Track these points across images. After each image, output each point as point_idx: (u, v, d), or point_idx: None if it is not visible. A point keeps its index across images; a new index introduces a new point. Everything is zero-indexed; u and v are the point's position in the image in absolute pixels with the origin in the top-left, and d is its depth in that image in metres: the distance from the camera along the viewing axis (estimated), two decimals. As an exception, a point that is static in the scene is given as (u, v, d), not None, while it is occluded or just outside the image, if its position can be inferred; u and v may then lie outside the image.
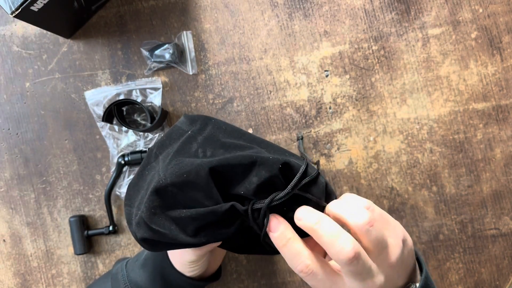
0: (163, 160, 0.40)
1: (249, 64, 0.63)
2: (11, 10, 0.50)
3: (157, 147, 0.42)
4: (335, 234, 0.34)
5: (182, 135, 0.42)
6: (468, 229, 0.61)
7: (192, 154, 0.39)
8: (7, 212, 0.64)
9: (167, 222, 0.37)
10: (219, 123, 0.42)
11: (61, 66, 0.64)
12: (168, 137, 0.43)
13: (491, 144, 0.61)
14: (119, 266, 0.53)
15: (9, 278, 0.64)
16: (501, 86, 0.61)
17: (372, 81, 0.62)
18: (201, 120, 0.43)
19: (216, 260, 0.52)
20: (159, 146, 0.42)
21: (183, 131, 0.42)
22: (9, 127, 0.64)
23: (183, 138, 0.41)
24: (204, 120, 0.43)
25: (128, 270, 0.51)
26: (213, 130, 0.41)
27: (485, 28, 0.61)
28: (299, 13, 0.62)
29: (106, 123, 0.62)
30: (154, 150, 0.42)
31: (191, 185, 0.36)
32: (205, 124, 0.42)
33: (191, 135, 0.41)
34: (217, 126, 0.42)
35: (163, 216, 0.37)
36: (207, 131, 0.41)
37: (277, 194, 0.36)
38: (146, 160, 0.43)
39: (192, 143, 0.40)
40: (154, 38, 0.63)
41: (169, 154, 0.40)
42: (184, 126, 0.43)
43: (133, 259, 0.53)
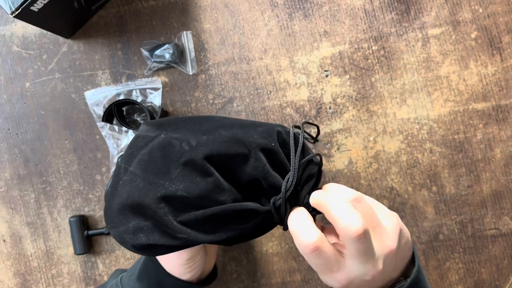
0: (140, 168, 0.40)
1: (249, 64, 0.63)
2: (11, 10, 0.50)
3: (125, 161, 0.42)
4: (346, 210, 0.34)
5: (151, 141, 0.41)
6: (468, 229, 0.61)
7: (178, 149, 0.39)
8: (7, 212, 0.64)
9: (183, 226, 0.37)
10: (190, 121, 0.43)
11: (61, 66, 0.64)
12: (134, 147, 0.42)
13: (491, 144, 0.61)
14: (114, 282, 0.52)
15: (9, 278, 0.64)
16: (501, 86, 0.61)
17: (372, 81, 0.62)
18: (169, 122, 0.43)
19: (210, 259, 0.52)
20: (127, 159, 0.42)
21: (150, 137, 0.42)
22: (9, 127, 0.64)
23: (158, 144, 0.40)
24: (174, 121, 0.43)
25: (124, 284, 0.50)
26: (188, 129, 0.41)
27: (485, 28, 0.61)
28: (299, 13, 0.62)
29: (106, 123, 0.62)
30: (122, 165, 0.42)
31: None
32: (176, 125, 0.42)
33: (166, 137, 0.41)
34: (189, 124, 0.42)
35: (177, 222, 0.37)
36: (181, 130, 0.41)
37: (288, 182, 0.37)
38: (116, 178, 0.42)
39: (172, 141, 0.40)
40: (154, 38, 0.63)
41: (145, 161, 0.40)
42: (150, 133, 0.42)
43: (128, 274, 0.52)
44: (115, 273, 0.56)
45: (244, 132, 0.39)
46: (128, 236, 0.39)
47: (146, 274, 0.49)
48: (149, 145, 0.41)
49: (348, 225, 0.34)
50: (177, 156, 0.39)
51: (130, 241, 0.39)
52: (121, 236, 0.40)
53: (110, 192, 0.42)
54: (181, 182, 0.38)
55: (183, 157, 0.38)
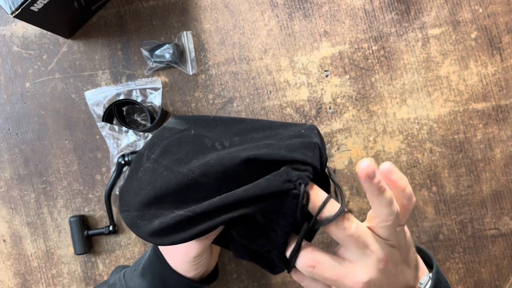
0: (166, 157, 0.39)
1: (249, 64, 0.63)
2: (11, 10, 0.50)
3: (148, 149, 0.42)
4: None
5: (178, 133, 0.41)
6: (468, 229, 0.61)
7: (211, 148, 0.39)
8: (7, 212, 0.64)
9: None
10: (218, 120, 0.42)
11: (61, 66, 0.64)
12: (159, 137, 0.42)
13: (491, 144, 0.61)
14: (117, 277, 0.52)
15: (9, 278, 0.64)
16: (501, 86, 0.61)
17: (372, 81, 0.62)
18: (199, 119, 0.42)
19: (213, 258, 0.53)
20: (150, 147, 0.42)
21: (177, 130, 0.42)
22: (9, 127, 0.64)
23: (187, 137, 0.40)
24: (203, 119, 0.42)
25: (127, 280, 0.50)
26: (219, 125, 0.41)
27: (485, 28, 0.61)
28: (299, 13, 0.62)
29: (106, 123, 0.62)
30: (145, 153, 0.42)
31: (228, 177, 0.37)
32: (206, 123, 0.42)
33: (197, 133, 0.40)
34: (219, 120, 0.42)
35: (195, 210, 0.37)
36: (211, 128, 0.41)
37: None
38: (137, 164, 0.42)
39: (204, 140, 0.40)
40: (154, 38, 0.63)
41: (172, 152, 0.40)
42: (178, 126, 0.42)
43: (131, 269, 0.52)
44: (116, 269, 0.56)
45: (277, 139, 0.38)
46: (143, 222, 0.38)
47: (150, 269, 0.49)
48: (176, 136, 0.41)
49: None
50: (208, 152, 0.38)
51: (144, 227, 0.38)
52: (134, 221, 0.39)
53: (128, 176, 0.42)
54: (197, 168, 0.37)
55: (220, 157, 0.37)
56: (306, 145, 0.37)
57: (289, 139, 0.38)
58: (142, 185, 0.40)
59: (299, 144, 0.37)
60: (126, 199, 0.41)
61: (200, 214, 0.36)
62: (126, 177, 0.43)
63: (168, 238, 0.37)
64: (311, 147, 0.37)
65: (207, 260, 0.48)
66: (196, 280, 0.49)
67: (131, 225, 0.40)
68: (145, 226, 0.38)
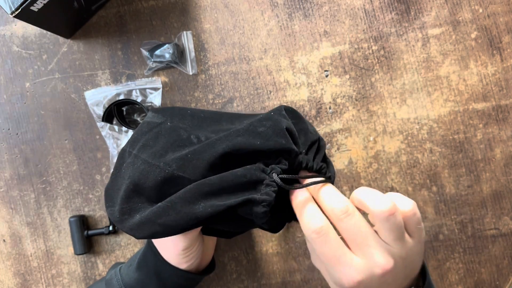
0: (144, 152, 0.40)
1: (249, 64, 0.63)
2: (11, 10, 0.50)
3: (130, 145, 0.42)
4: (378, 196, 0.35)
5: (156, 127, 0.42)
6: (468, 229, 0.61)
7: (186, 141, 0.39)
8: (7, 212, 0.64)
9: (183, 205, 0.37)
10: (196, 112, 0.43)
11: (61, 66, 0.64)
12: (139, 132, 0.43)
13: (491, 144, 0.61)
14: (113, 272, 0.53)
15: (9, 278, 0.64)
16: (501, 86, 0.61)
17: (372, 81, 0.62)
18: (175, 111, 0.43)
19: (208, 251, 0.53)
20: (131, 143, 0.42)
21: (155, 123, 0.42)
22: (9, 127, 0.64)
23: (163, 130, 0.41)
24: (179, 111, 0.43)
25: (123, 274, 0.51)
26: (195, 119, 0.42)
27: (485, 28, 0.61)
28: (299, 13, 0.62)
29: (106, 123, 0.62)
30: (127, 149, 0.42)
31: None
32: (182, 115, 0.42)
33: (172, 125, 0.41)
34: (196, 115, 0.42)
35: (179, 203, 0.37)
36: (187, 120, 0.41)
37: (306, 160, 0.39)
38: (120, 160, 0.43)
39: (179, 131, 0.40)
40: (154, 38, 0.63)
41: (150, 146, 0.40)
42: (156, 119, 0.43)
43: (127, 264, 0.53)
44: (114, 266, 0.57)
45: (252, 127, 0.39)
46: (124, 216, 0.39)
47: (144, 262, 0.50)
48: (154, 130, 0.41)
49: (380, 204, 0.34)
50: (183, 144, 0.39)
51: (125, 222, 0.39)
52: (115, 216, 0.40)
53: (113, 174, 0.43)
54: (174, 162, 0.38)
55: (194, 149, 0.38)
56: (278, 132, 0.38)
57: (261, 125, 0.39)
58: (123, 180, 0.41)
59: (271, 132, 0.38)
60: (110, 195, 0.42)
61: (177, 203, 0.36)
62: (111, 175, 0.43)
63: (146, 230, 0.38)
64: (282, 133, 0.38)
65: (198, 252, 0.49)
66: (192, 271, 0.50)
67: (114, 220, 0.41)
68: (127, 220, 0.39)
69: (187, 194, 0.36)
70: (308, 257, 0.62)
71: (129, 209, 0.39)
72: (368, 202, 0.35)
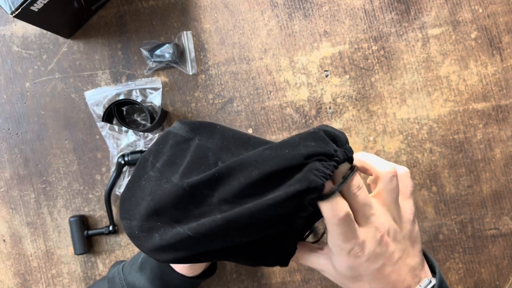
0: (169, 169, 0.38)
1: (249, 64, 0.63)
2: (11, 10, 0.50)
3: (153, 156, 0.40)
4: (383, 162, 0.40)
5: (183, 142, 0.40)
6: (468, 229, 0.61)
7: (213, 166, 0.37)
8: (7, 212, 0.64)
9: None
10: (225, 130, 0.41)
11: (61, 66, 0.64)
12: (163, 143, 0.41)
13: (491, 144, 0.61)
14: (116, 269, 0.53)
15: (9, 278, 0.64)
16: (501, 86, 0.61)
17: (372, 81, 0.62)
18: (204, 127, 0.41)
19: None
20: (155, 154, 0.40)
21: (182, 137, 0.40)
22: (9, 127, 0.64)
23: (191, 147, 0.39)
24: (209, 127, 0.41)
25: (125, 273, 0.51)
26: (223, 139, 0.39)
27: (485, 28, 0.61)
28: (299, 13, 0.62)
29: (106, 123, 0.62)
30: (150, 159, 0.40)
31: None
32: (211, 132, 0.40)
33: (200, 144, 0.39)
34: (225, 134, 0.40)
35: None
36: (216, 140, 0.39)
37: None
38: (141, 170, 0.41)
39: (207, 152, 0.38)
40: (154, 38, 0.63)
41: (176, 164, 0.38)
42: (183, 133, 0.41)
43: (130, 263, 0.53)
44: (115, 264, 0.57)
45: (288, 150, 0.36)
46: (142, 233, 0.38)
47: (148, 264, 0.50)
48: (181, 146, 0.40)
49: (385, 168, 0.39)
50: (209, 169, 0.37)
51: (143, 239, 0.38)
52: (133, 231, 0.38)
53: (131, 182, 0.41)
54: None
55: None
56: (304, 137, 0.35)
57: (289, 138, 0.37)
58: (143, 195, 0.39)
59: (298, 138, 0.35)
60: (127, 207, 0.40)
61: (201, 234, 0.35)
62: (129, 182, 0.42)
63: (167, 255, 0.37)
64: (310, 137, 0.35)
65: (204, 263, 0.49)
66: (193, 276, 0.50)
67: (130, 235, 0.39)
68: (144, 238, 0.38)
69: (217, 228, 0.34)
70: (308, 257, 0.62)
71: (149, 227, 0.38)
72: (375, 163, 0.39)
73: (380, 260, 0.37)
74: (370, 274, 0.38)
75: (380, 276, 0.38)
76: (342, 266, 0.38)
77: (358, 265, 0.37)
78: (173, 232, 0.36)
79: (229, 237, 0.35)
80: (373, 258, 0.37)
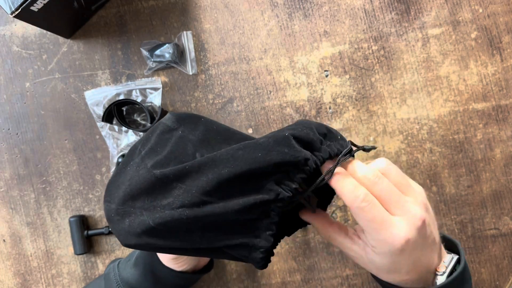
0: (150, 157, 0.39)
1: (249, 64, 0.63)
2: (11, 10, 0.50)
3: (142, 144, 0.42)
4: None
5: (167, 132, 0.41)
6: (468, 229, 0.61)
7: (190, 157, 0.38)
8: (7, 212, 0.64)
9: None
10: (209, 123, 0.42)
11: (61, 66, 0.64)
12: (152, 133, 0.42)
13: (491, 144, 0.61)
14: (111, 266, 0.54)
15: (9, 278, 0.64)
16: (501, 86, 0.61)
17: (372, 81, 0.62)
18: (190, 119, 0.42)
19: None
20: (144, 142, 0.42)
21: (167, 127, 0.41)
22: (9, 127, 0.64)
23: (173, 138, 0.40)
24: (194, 119, 0.42)
25: (120, 269, 0.52)
26: (206, 132, 0.40)
27: (485, 28, 0.61)
28: (299, 13, 0.62)
29: (106, 123, 0.62)
30: (138, 146, 0.42)
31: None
32: (195, 124, 0.41)
33: (182, 135, 0.40)
34: (209, 126, 0.41)
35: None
36: (198, 132, 0.40)
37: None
38: (129, 157, 0.42)
39: (187, 144, 0.39)
40: (154, 38, 0.63)
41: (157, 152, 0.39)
42: (169, 123, 0.41)
43: (125, 259, 0.54)
44: (114, 261, 0.58)
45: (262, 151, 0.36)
46: (116, 217, 0.39)
47: (142, 260, 0.51)
48: (165, 135, 0.41)
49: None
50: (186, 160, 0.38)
51: (116, 223, 0.39)
52: (110, 214, 0.40)
53: (119, 168, 0.42)
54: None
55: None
56: (279, 141, 0.35)
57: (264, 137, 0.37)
58: (125, 180, 0.40)
59: (273, 142, 0.35)
60: (110, 190, 0.41)
61: (162, 226, 0.35)
62: (117, 168, 0.43)
63: (130, 240, 0.38)
64: (284, 142, 0.35)
65: (191, 258, 0.49)
66: (187, 271, 0.50)
67: (107, 217, 0.40)
68: (118, 222, 0.39)
69: (183, 221, 0.35)
70: (308, 257, 0.62)
71: (123, 212, 0.39)
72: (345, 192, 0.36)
73: (419, 249, 0.37)
74: (410, 264, 0.37)
75: (418, 264, 0.37)
76: (383, 262, 0.37)
77: (401, 259, 0.36)
78: (140, 219, 0.37)
79: (191, 236, 0.36)
80: (413, 249, 0.36)
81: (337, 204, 0.62)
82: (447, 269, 0.39)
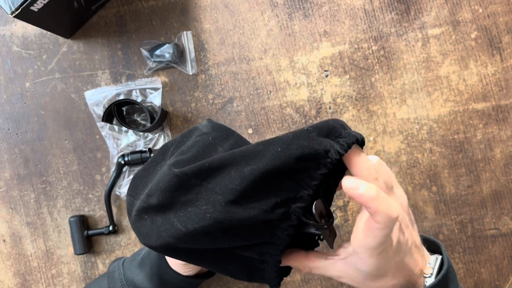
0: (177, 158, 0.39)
1: (249, 64, 0.63)
2: (11, 10, 0.50)
3: (175, 146, 0.41)
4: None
5: (199, 136, 0.41)
6: (468, 229, 0.61)
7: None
8: (7, 212, 0.64)
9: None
10: (240, 139, 0.41)
11: (61, 66, 0.64)
12: (187, 135, 0.42)
13: (491, 144, 0.61)
14: (116, 264, 0.53)
15: (9, 278, 0.64)
16: (501, 86, 0.61)
17: (372, 81, 0.62)
18: (224, 130, 0.42)
19: None
20: (177, 145, 0.41)
21: (202, 133, 0.41)
22: (9, 127, 0.64)
23: (202, 142, 0.40)
24: (228, 131, 0.42)
25: (125, 268, 0.52)
26: (234, 145, 0.40)
27: (485, 28, 0.61)
28: (299, 13, 0.62)
29: (106, 123, 0.62)
30: (171, 148, 0.41)
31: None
32: (227, 136, 0.41)
33: (212, 142, 0.40)
34: (239, 142, 0.41)
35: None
36: (228, 143, 0.40)
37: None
38: (160, 156, 0.42)
39: (212, 152, 0.39)
40: (154, 38, 0.63)
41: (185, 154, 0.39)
42: (204, 129, 0.41)
43: (130, 258, 0.53)
44: (116, 260, 0.57)
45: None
46: (138, 215, 0.38)
47: (148, 261, 0.50)
48: (196, 138, 0.41)
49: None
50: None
51: (133, 218, 0.39)
52: (132, 210, 0.39)
53: (148, 163, 0.41)
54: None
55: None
56: (299, 134, 0.34)
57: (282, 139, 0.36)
58: (153, 178, 0.39)
59: (292, 136, 0.34)
60: (136, 184, 0.41)
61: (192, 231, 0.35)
62: (146, 164, 0.42)
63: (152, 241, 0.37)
64: (303, 135, 0.34)
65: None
66: (192, 276, 0.50)
67: (128, 212, 0.40)
68: (138, 220, 0.38)
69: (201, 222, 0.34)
70: (308, 257, 0.62)
71: (142, 208, 0.38)
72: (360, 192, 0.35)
73: (402, 251, 0.37)
74: (394, 267, 0.37)
75: (401, 265, 0.37)
76: (370, 267, 0.36)
77: (386, 261, 0.36)
78: (164, 223, 0.36)
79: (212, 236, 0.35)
80: (398, 250, 0.36)
81: (337, 204, 0.62)
82: (434, 270, 0.39)
